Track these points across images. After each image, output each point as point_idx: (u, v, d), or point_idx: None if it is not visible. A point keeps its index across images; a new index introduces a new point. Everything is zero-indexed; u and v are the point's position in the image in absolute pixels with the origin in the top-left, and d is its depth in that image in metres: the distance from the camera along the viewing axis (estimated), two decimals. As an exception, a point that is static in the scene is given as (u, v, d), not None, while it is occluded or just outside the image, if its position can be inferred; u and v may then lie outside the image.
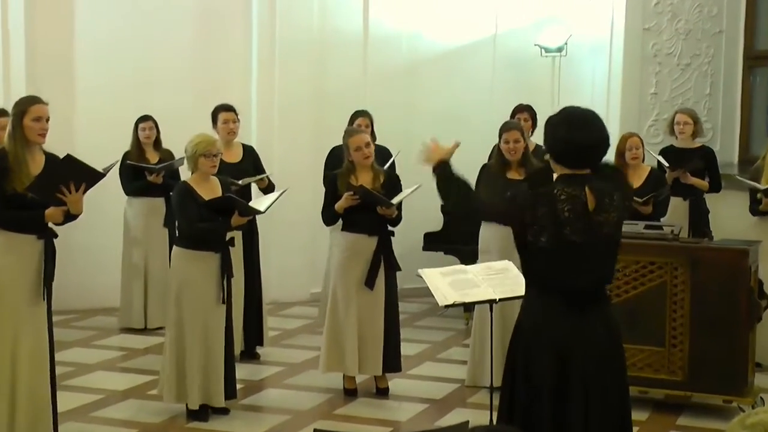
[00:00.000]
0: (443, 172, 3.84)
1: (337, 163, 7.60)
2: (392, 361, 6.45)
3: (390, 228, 6.41)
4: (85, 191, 4.98)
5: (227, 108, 7.30)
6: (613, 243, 3.70)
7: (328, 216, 6.45)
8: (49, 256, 5.06)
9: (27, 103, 5.06)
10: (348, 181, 6.31)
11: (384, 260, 6.35)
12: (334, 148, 7.96)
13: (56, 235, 5.14)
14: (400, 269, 6.46)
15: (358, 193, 6.19)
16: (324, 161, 7.92)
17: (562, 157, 3.63)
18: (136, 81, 9.02)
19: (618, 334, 3.73)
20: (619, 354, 3.74)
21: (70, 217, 5.04)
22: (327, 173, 7.66)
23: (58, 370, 6.44)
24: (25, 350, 5.02)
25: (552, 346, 3.58)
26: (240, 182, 7.13)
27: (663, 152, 7.87)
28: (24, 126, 4.98)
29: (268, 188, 7.34)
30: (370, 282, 6.30)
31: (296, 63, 9.58)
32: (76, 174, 4.95)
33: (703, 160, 7.82)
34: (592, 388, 3.59)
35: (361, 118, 7.79)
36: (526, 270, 3.73)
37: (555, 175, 3.69)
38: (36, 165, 5.02)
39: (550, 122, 3.69)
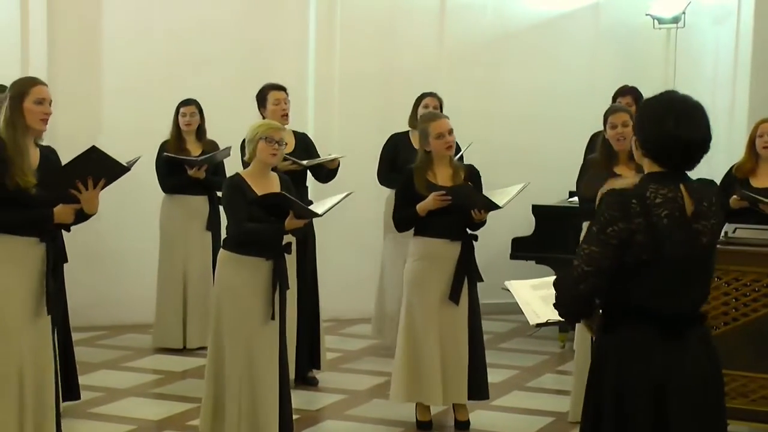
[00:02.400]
0: None
1: (394, 153, 7.76)
2: (478, 388, 6.46)
3: (471, 232, 6.44)
4: (103, 187, 4.99)
5: (278, 87, 7.40)
6: (712, 256, 3.69)
7: (403, 218, 6.43)
8: (51, 263, 5.05)
9: (27, 84, 5.10)
10: (425, 176, 6.32)
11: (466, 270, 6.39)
12: (393, 134, 8.06)
13: (61, 239, 5.13)
14: (482, 280, 6.48)
15: (453, 194, 6.22)
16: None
17: (661, 154, 3.62)
18: (175, 58, 9.12)
19: (719, 360, 3.75)
20: (722, 384, 3.77)
21: (82, 216, 5.05)
22: (383, 162, 7.86)
23: (84, 395, 6.61)
24: (28, 370, 5.02)
25: (647, 382, 3.59)
26: (304, 162, 7.22)
27: None
28: (24, 110, 5.00)
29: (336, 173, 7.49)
30: (455, 295, 6.32)
31: (361, 36, 9.63)
32: (96, 167, 4.94)
33: None
34: (693, 424, 3.61)
35: (429, 98, 7.89)
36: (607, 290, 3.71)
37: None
38: (33, 158, 5.04)
39: (650, 109, 3.66)
